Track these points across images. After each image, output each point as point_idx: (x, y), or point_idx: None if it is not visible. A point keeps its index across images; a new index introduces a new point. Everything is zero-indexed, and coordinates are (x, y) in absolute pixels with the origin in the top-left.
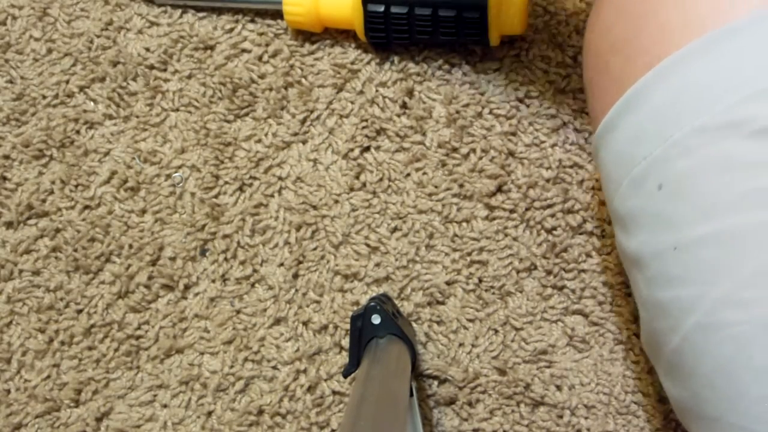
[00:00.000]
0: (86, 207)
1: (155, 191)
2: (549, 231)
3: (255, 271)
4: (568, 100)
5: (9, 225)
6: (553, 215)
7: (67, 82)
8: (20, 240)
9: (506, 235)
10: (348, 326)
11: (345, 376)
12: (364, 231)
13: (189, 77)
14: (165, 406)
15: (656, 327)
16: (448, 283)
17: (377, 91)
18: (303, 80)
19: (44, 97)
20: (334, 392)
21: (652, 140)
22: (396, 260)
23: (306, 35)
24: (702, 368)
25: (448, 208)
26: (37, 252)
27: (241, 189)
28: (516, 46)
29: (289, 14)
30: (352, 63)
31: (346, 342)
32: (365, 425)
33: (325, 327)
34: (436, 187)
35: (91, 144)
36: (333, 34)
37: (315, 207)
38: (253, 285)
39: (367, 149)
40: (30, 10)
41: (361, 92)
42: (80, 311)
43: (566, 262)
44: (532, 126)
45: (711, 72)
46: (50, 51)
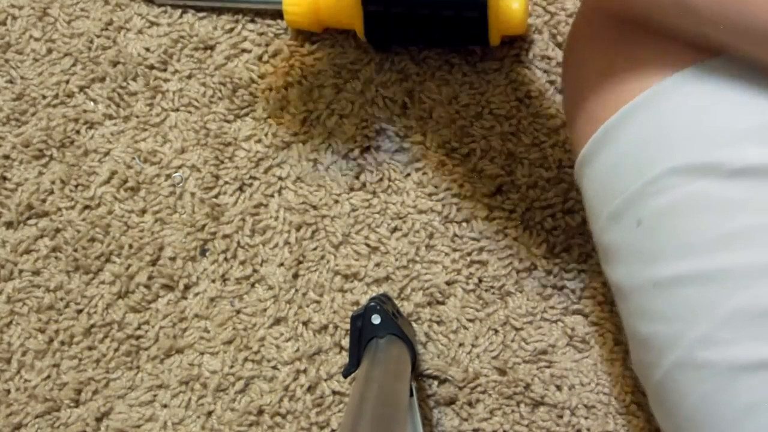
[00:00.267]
0: (86, 207)
1: (155, 191)
2: (549, 231)
3: (255, 271)
4: None
5: (9, 225)
6: (553, 215)
7: (67, 82)
8: (20, 240)
9: (506, 235)
10: (348, 326)
11: (345, 376)
12: (364, 231)
13: (189, 77)
14: (165, 406)
15: (641, 358)
16: (448, 283)
17: (377, 91)
18: (303, 80)
19: (44, 97)
20: (334, 392)
21: (630, 175)
22: (396, 260)
23: (306, 35)
24: (684, 404)
25: (448, 208)
26: (37, 252)
27: (241, 189)
28: (516, 46)
29: (289, 14)
30: (352, 63)
31: (346, 342)
32: (365, 425)
33: (325, 327)
34: (436, 187)
35: (91, 144)
36: (333, 34)
37: (315, 207)
38: (253, 285)
39: (367, 149)
40: (30, 10)
41: (361, 92)
42: (80, 311)
43: (566, 262)
44: (532, 126)
45: (684, 112)
46: (50, 51)
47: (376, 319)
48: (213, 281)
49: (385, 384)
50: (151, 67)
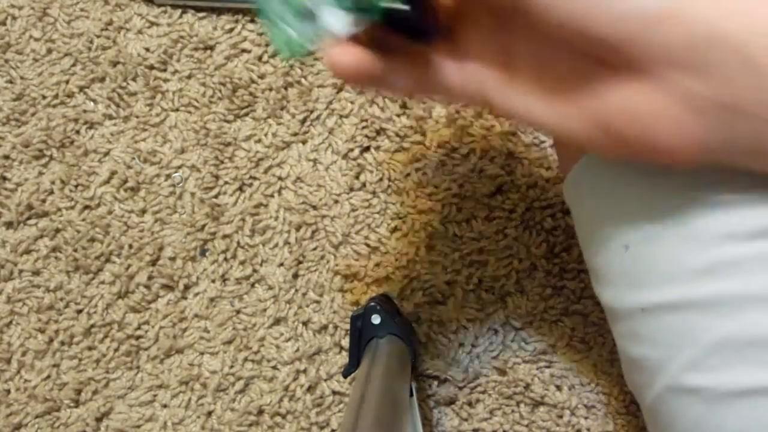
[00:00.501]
0: (86, 207)
1: (155, 191)
2: (549, 231)
3: (255, 271)
4: None
5: (9, 225)
6: (553, 215)
7: (67, 82)
8: (20, 240)
9: (506, 236)
10: (348, 326)
11: (345, 376)
12: (364, 231)
13: (189, 77)
14: (165, 406)
15: (633, 379)
16: (448, 283)
17: (377, 91)
18: (303, 80)
19: (44, 97)
20: (334, 392)
21: (615, 200)
22: (396, 260)
23: None
24: (676, 427)
25: (448, 208)
26: (37, 252)
27: (241, 189)
28: None
29: None
30: None
31: (346, 342)
32: (365, 425)
33: (325, 327)
34: (436, 187)
35: (91, 144)
36: None
37: (315, 207)
38: (253, 285)
39: (367, 149)
40: (30, 10)
41: (361, 92)
42: (80, 311)
43: (566, 262)
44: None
45: None
46: (50, 51)
47: (376, 319)
48: (213, 281)
49: (385, 384)
50: (151, 67)
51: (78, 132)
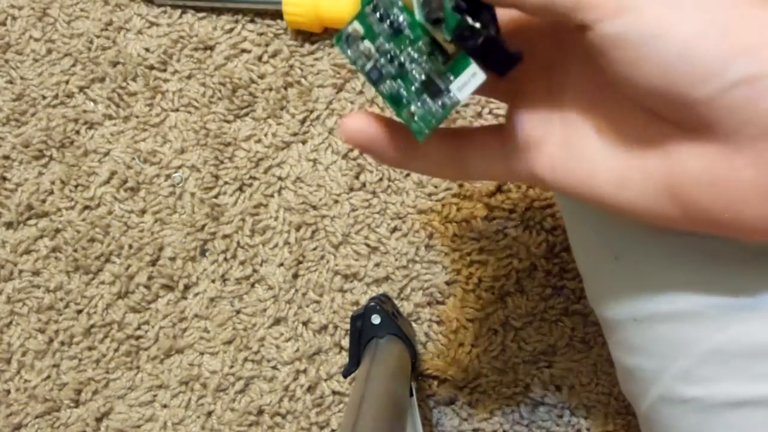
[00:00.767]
0: (86, 207)
1: (155, 191)
2: (549, 231)
3: (255, 271)
4: None
5: (9, 225)
6: (553, 215)
7: (67, 83)
8: (20, 240)
9: (506, 235)
10: (348, 326)
11: (345, 376)
12: (364, 231)
13: (189, 77)
14: (165, 406)
15: (628, 388)
16: (448, 283)
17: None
18: (303, 80)
19: (44, 98)
20: (334, 392)
21: (606, 213)
22: (396, 260)
23: (306, 35)
24: None
25: (448, 208)
26: (37, 252)
27: (241, 189)
28: None
29: (289, 14)
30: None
31: (346, 342)
32: (365, 425)
33: (325, 327)
34: (436, 187)
35: (91, 144)
36: (333, 34)
37: (315, 207)
38: (253, 285)
39: None
40: (30, 11)
41: (361, 92)
42: (80, 311)
43: (566, 262)
44: None
45: None
46: (50, 51)
47: (376, 319)
48: (213, 281)
49: (385, 384)
50: (151, 68)
51: (78, 132)
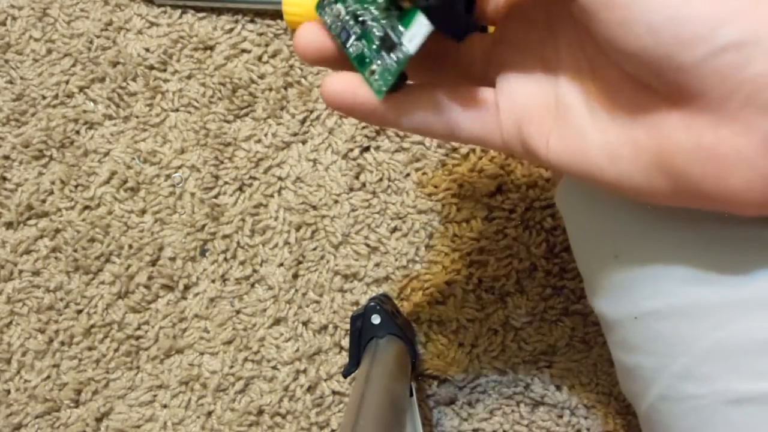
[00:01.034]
0: (86, 207)
1: (155, 191)
2: (549, 231)
3: (255, 271)
4: None
5: (9, 225)
6: (553, 215)
7: (67, 83)
8: (20, 240)
9: (506, 235)
10: (348, 326)
11: (345, 376)
12: (364, 231)
13: (189, 77)
14: (165, 406)
15: (628, 387)
16: (448, 283)
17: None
18: (303, 80)
19: (44, 98)
20: (334, 392)
21: (604, 209)
22: (396, 260)
23: None
24: None
25: (448, 208)
26: (37, 252)
27: (241, 189)
28: None
29: (289, 14)
30: None
31: (346, 342)
32: (365, 425)
33: (325, 327)
34: (436, 187)
35: (91, 144)
36: None
37: (315, 207)
38: (253, 285)
39: (367, 149)
40: (30, 11)
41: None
42: (80, 311)
43: (566, 262)
44: None
45: None
46: (50, 51)
47: (376, 319)
48: (213, 281)
49: (385, 384)
50: (151, 68)
51: (78, 132)
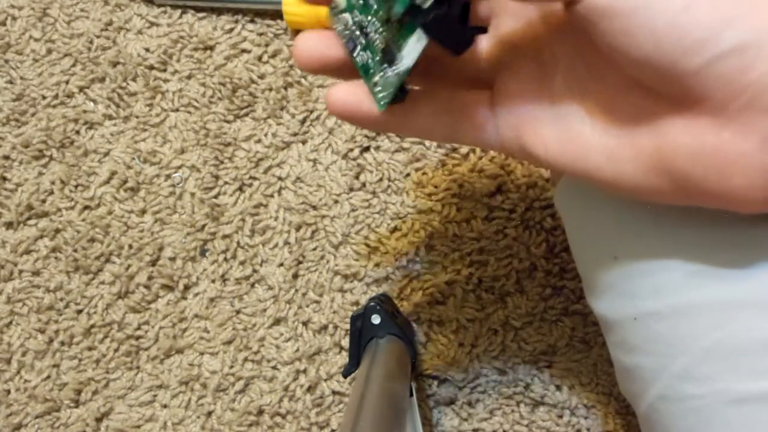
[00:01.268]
0: (86, 207)
1: (155, 191)
2: (549, 231)
3: (255, 271)
4: None
5: (9, 225)
6: (553, 215)
7: (67, 83)
8: (20, 240)
9: (506, 235)
10: (348, 326)
11: (345, 376)
12: (364, 231)
13: (189, 77)
14: (165, 407)
15: (627, 388)
16: (448, 283)
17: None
18: (302, 80)
19: (44, 98)
20: (334, 392)
21: (604, 214)
22: (396, 260)
23: None
24: None
25: (448, 208)
26: (37, 252)
27: (241, 189)
28: None
29: (289, 14)
30: None
31: (346, 342)
32: (365, 425)
33: (325, 327)
34: (436, 187)
35: (91, 144)
36: None
37: (315, 207)
38: (253, 285)
39: (367, 149)
40: (30, 11)
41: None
42: (80, 311)
43: (566, 262)
44: None
45: None
46: (50, 51)
47: (376, 319)
48: (213, 281)
49: (385, 384)
50: (151, 68)
51: (78, 132)
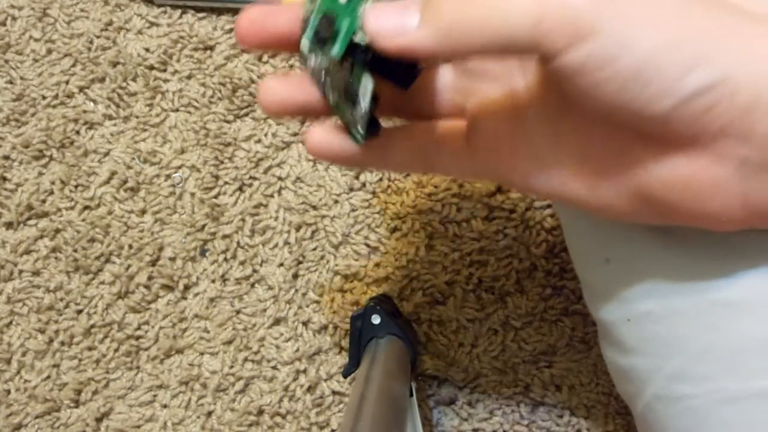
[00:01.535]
0: (86, 207)
1: (155, 191)
2: (549, 231)
3: (255, 271)
4: None
5: (9, 225)
6: (553, 215)
7: (67, 83)
8: (20, 240)
9: (506, 235)
10: (348, 326)
11: (345, 376)
12: (364, 231)
13: (189, 77)
14: (165, 407)
15: (623, 389)
16: (448, 283)
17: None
18: None
19: (44, 98)
20: (334, 392)
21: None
22: (396, 260)
23: None
24: None
25: (448, 208)
26: (37, 252)
27: (241, 189)
28: None
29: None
30: None
31: (346, 342)
32: (365, 425)
33: (325, 327)
34: (436, 187)
35: (91, 144)
36: None
37: (315, 207)
38: (253, 285)
39: None
40: (30, 11)
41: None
42: (80, 311)
43: (566, 262)
44: None
45: None
46: (50, 51)
47: (376, 319)
48: (213, 281)
49: (385, 384)
50: (151, 68)
51: (78, 132)
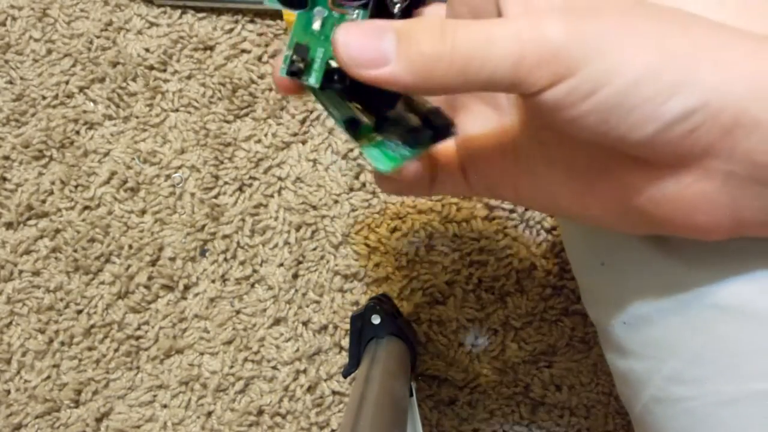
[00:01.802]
0: (86, 207)
1: (155, 191)
2: (549, 231)
3: (255, 272)
4: None
5: (9, 225)
6: (553, 215)
7: (67, 83)
8: (20, 240)
9: (506, 235)
10: (348, 326)
11: (345, 376)
12: (364, 231)
13: (189, 78)
14: (165, 407)
15: (622, 391)
16: (448, 283)
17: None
18: None
19: (44, 98)
20: (334, 392)
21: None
22: (396, 260)
23: None
24: None
25: (448, 208)
26: (37, 252)
27: (241, 189)
28: None
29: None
30: None
31: (346, 342)
32: (365, 425)
33: (325, 327)
34: None
35: (91, 144)
36: None
37: (315, 207)
38: (253, 285)
39: None
40: (30, 11)
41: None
42: (80, 312)
43: (566, 262)
44: None
45: None
46: (50, 52)
47: (376, 319)
48: (213, 281)
49: (385, 384)
50: (151, 68)
51: (78, 132)
